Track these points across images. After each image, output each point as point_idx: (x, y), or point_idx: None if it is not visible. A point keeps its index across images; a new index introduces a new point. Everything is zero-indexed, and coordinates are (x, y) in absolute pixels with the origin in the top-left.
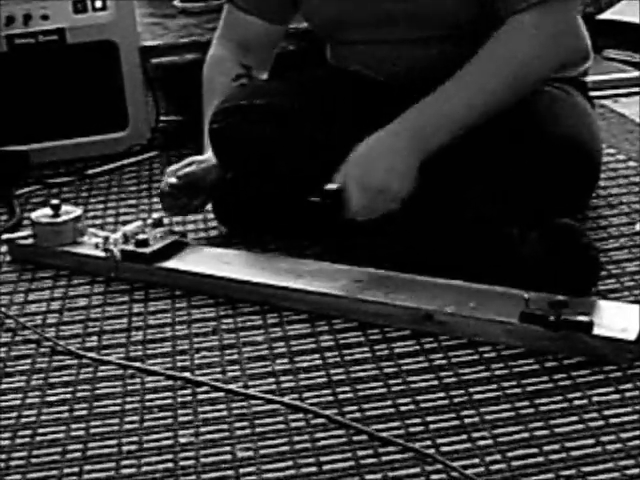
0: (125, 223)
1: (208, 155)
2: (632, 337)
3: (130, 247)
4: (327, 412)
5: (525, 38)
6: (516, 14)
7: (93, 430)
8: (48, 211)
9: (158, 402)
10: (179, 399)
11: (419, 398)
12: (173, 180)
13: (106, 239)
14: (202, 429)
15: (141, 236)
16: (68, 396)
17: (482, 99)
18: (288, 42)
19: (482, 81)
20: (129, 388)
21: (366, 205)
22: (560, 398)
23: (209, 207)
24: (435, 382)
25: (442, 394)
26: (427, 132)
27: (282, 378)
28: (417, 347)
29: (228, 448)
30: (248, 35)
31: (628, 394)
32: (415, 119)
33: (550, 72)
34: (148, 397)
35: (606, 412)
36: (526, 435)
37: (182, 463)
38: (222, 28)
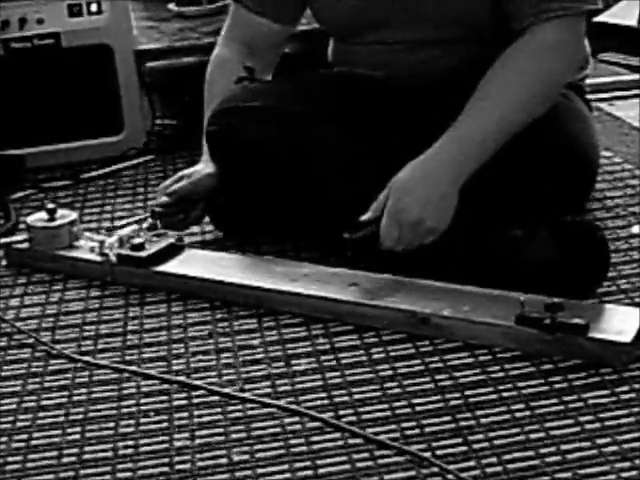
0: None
1: (197, 167)
2: (627, 340)
3: (126, 251)
4: (323, 415)
5: (549, 52)
6: (534, 25)
7: (89, 434)
8: (44, 215)
9: (154, 406)
10: (175, 403)
11: (415, 401)
12: (164, 199)
13: (102, 243)
14: (198, 433)
15: (137, 240)
16: (64, 400)
17: (514, 116)
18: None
19: (512, 98)
20: (125, 392)
21: (399, 238)
22: (556, 401)
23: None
24: (431, 385)
25: (438, 397)
26: (466, 157)
27: (278, 381)
28: (413, 350)
29: (224, 452)
30: (254, 35)
31: (624, 396)
32: (452, 145)
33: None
34: (144, 401)
35: (602, 415)
36: (522, 438)
37: (178, 467)
38: (227, 28)
